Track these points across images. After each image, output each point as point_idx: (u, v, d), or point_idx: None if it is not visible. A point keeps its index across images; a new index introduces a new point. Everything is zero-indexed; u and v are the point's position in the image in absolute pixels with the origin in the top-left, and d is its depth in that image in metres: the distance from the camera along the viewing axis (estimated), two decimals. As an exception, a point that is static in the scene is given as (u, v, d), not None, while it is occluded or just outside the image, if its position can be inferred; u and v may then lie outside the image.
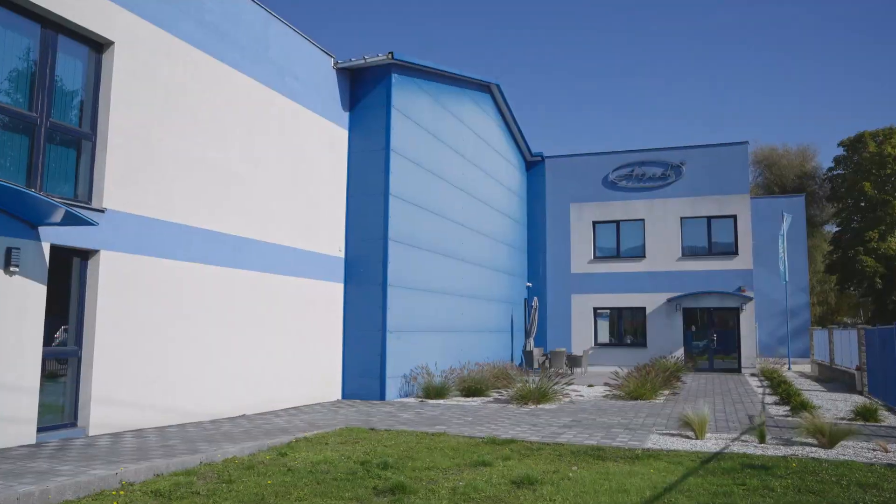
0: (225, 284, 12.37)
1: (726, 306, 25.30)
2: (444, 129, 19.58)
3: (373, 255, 15.92)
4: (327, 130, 15.76)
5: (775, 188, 51.11)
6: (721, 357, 25.64)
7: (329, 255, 15.65)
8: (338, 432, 10.57)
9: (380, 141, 16.22)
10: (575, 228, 27.34)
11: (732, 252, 25.45)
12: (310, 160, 15.01)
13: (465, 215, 20.85)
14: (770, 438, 10.14)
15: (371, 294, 15.82)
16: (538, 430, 10.99)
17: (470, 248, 21.13)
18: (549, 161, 28.04)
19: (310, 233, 14.94)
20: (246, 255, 12.92)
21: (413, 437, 10.26)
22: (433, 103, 18.89)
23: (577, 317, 26.92)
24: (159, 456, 8.09)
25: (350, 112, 16.65)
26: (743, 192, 25.55)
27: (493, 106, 24.30)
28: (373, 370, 15.62)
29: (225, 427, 10.92)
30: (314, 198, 15.13)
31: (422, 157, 17.90)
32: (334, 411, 13.39)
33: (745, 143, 25.68)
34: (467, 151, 21.36)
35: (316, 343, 15.04)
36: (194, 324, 11.61)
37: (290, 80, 14.47)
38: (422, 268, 17.62)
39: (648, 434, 10.62)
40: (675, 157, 26.46)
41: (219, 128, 12.30)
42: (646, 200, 26.57)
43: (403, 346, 16.33)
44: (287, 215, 14.19)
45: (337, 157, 16.11)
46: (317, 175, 15.27)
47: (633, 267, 26.48)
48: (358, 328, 15.88)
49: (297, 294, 14.47)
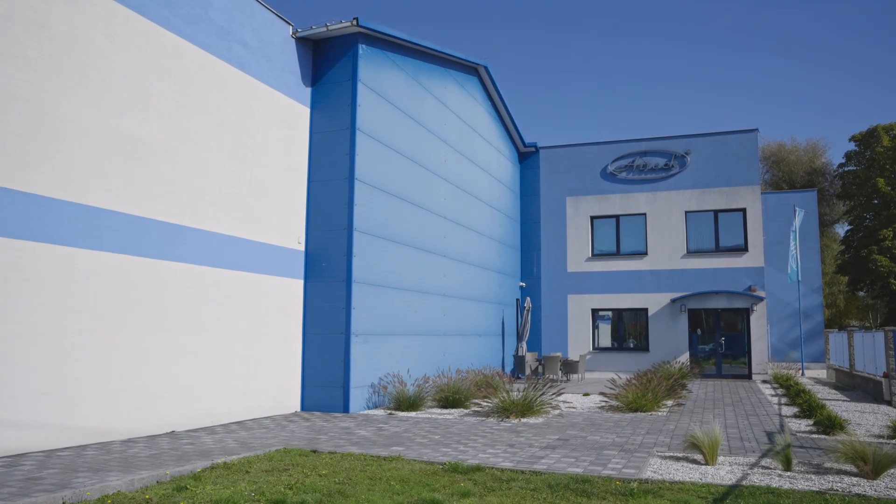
0: (151, 280, 10.52)
1: (735, 307, 23.35)
2: (424, 111, 17.74)
3: (336, 248, 14.07)
4: (284, 107, 13.93)
5: (784, 185, 49.11)
6: (729, 362, 23.68)
7: (286, 247, 13.80)
8: (269, 456, 8.70)
9: (344, 119, 14.38)
10: (571, 224, 25.43)
11: (742, 248, 23.50)
12: (260, 139, 13.17)
13: (449, 207, 18.99)
14: (797, 464, 8.24)
15: (334, 292, 13.96)
16: (515, 452, 9.10)
17: (454, 243, 19.26)
18: (543, 152, 26.16)
19: (260, 222, 13.10)
20: (178, 244, 11.08)
21: (359, 462, 8.39)
22: (410, 82, 17.06)
23: (574, 319, 24.98)
24: (3, 497, 6.22)
25: (312, 88, 14.82)
26: (753, 184, 23.60)
27: (482, 90, 22.46)
28: (335, 379, 13.75)
29: (135, 449, 9.06)
30: (265, 182, 13.29)
31: (397, 140, 16.05)
32: (282, 427, 11.52)
33: (755, 130, 23.75)
34: (451, 138, 19.51)
35: (269, 348, 13.18)
36: (109, 326, 9.76)
37: (237, 46, 12.64)
38: (397, 263, 15.76)
39: (648, 458, 8.73)
40: (680, 146, 24.55)
41: (139, 95, 10.46)
42: (648, 193, 24.66)
43: (372, 352, 14.45)
44: (231, 201, 12.35)
45: (296, 138, 14.28)
46: (269, 156, 13.43)
47: (634, 265, 24.56)
48: (320, 331, 14.01)
49: (246, 292, 12.63)
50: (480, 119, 22.19)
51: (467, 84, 21.21)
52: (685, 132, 24.78)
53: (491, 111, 23.24)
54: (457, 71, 20.38)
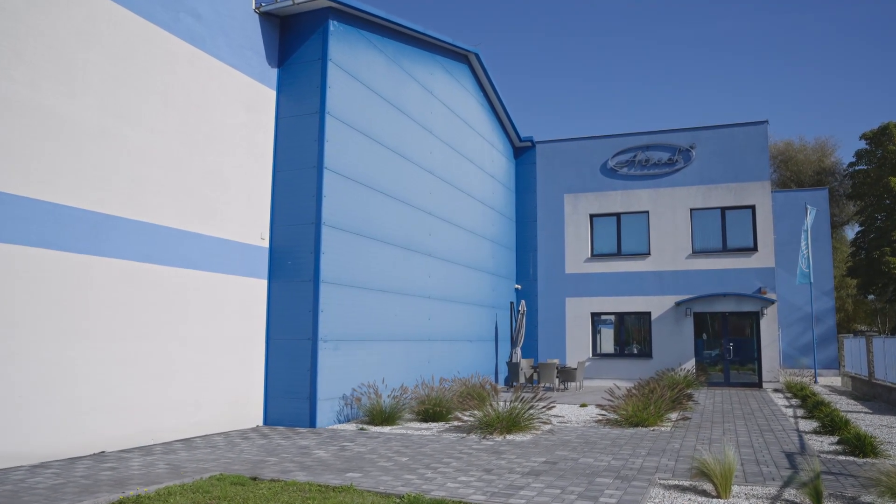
0: (78, 277, 9.16)
1: (744, 310, 21.88)
2: (407, 98, 16.37)
3: (303, 245, 12.69)
4: (245, 88, 12.58)
5: (791, 185, 47.56)
6: (737, 368, 22.21)
7: (247, 243, 12.43)
8: (196, 486, 7.30)
9: (313, 102, 13.02)
10: (570, 223, 24.01)
11: (751, 248, 22.05)
12: (216, 122, 11.82)
13: (435, 203, 17.61)
14: (828, 497, 6.82)
15: (300, 293, 12.58)
16: (491, 480, 7.69)
17: (442, 241, 17.87)
18: (539, 147, 24.75)
19: (216, 214, 11.74)
20: (111, 238, 9.71)
21: (300, 494, 6.98)
22: (391, 66, 15.70)
23: (573, 323, 23.53)
24: None
25: (280, 69, 13.47)
26: (762, 179, 22.15)
27: (473, 80, 21.10)
28: (301, 389, 12.35)
29: (39, 478, 7.67)
30: (222, 170, 11.93)
31: (375, 128, 14.69)
32: (233, 445, 10.12)
33: (765, 122, 22.32)
34: (438, 129, 18.14)
35: (226, 355, 11.80)
36: (20, 331, 8.39)
37: (187, 17, 11.29)
38: (374, 262, 14.38)
39: (648, 488, 7.31)
40: (684, 139, 23.12)
41: (62, 66, 9.11)
42: (650, 190, 23.23)
43: (343, 359, 13.06)
44: (179, 190, 10.99)
45: (260, 122, 12.92)
46: (227, 142, 12.07)
47: (635, 266, 23.11)
48: (285, 336, 12.63)
49: (199, 292, 11.25)
50: (471, 110, 20.82)
51: (457, 72, 19.85)
52: (690, 125, 23.35)
53: (483, 102, 21.87)
54: (445, 58, 19.02)
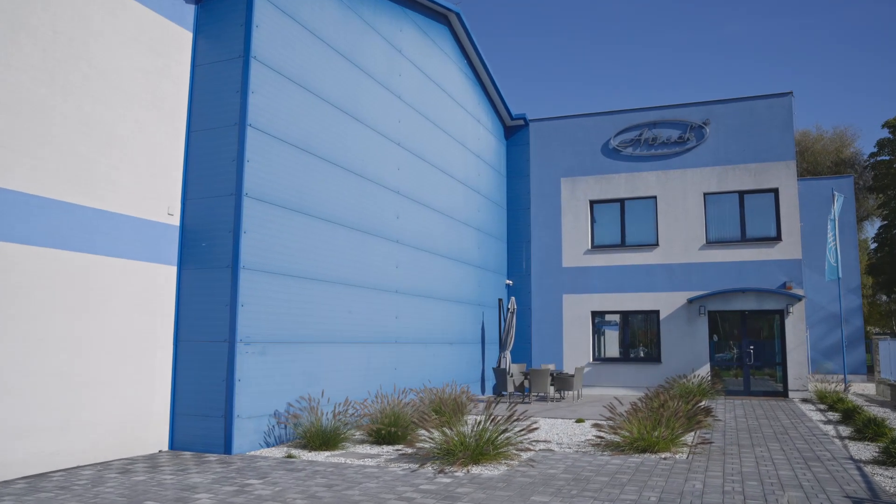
0: None
1: (766, 308, 19.13)
2: (367, 54, 13.75)
3: (220, 222, 10.06)
4: (151, 25, 9.96)
5: (808, 177, 44.71)
6: (758, 374, 19.47)
7: (147, 219, 9.80)
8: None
9: (236, 45, 10.39)
10: (567, 210, 21.31)
11: (774, 237, 19.30)
12: (100, 63, 9.18)
13: (405, 180, 14.97)
14: None
15: (216, 282, 9.94)
16: (419, 556, 5.02)
17: (413, 226, 15.22)
18: (533, 125, 22.06)
19: (102, 181, 9.11)
20: (-76, 203, 7.10)
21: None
22: (347, 13, 13.08)
23: (571, 324, 20.82)
24: None
25: (198, 5, 10.86)
26: (787, 159, 19.40)
27: (454, 44, 18.46)
28: (215, 405, 9.71)
29: None
30: (112, 126, 9.30)
31: (320, 83, 12.07)
32: (93, 486, 7.47)
33: (789, 94, 19.57)
34: (409, 95, 15.50)
35: (114, 362, 9.17)
36: None
37: (55, -79, 8.68)
38: (321, 246, 11.74)
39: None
40: (697, 115, 20.40)
41: None
42: (658, 172, 20.51)
43: (274, 367, 10.41)
44: (44, 147, 8.37)
45: (170, 70, 10.30)
46: (118, 90, 9.45)
47: (642, 259, 20.40)
48: (197, 338, 9.99)
49: (74, 279, 8.64)
50: (452, 79, 18.18)
51: (433, 33, 17.21)
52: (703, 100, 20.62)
53: (467, 71, 19.22)
54: (419, 13, 16.39)
